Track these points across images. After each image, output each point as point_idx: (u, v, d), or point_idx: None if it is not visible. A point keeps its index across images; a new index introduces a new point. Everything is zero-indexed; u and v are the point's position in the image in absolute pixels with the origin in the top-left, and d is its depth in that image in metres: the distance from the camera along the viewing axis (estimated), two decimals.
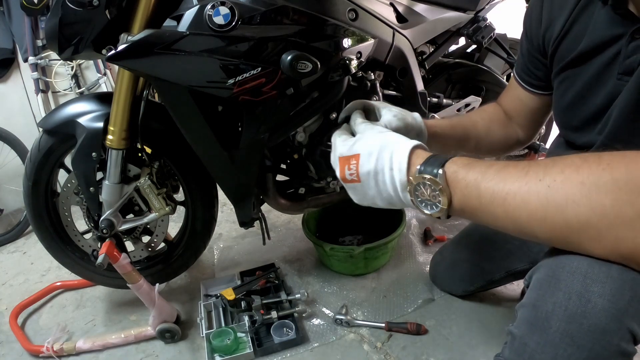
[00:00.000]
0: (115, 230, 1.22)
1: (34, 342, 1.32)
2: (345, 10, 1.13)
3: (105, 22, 1.00)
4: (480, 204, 0.54)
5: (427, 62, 1.42)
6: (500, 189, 0.52)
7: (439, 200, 0.57)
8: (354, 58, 1.14)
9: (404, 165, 0.59)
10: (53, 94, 2.22)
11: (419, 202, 0.59)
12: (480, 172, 0.55)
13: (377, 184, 0.63)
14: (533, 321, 0.54)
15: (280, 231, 1.84)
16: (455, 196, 0.56)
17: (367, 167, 0.63)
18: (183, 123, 1.12)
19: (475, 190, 0.54)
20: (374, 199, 0.65)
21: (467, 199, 0.55)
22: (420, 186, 0.58)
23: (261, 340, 1.23)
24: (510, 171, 0.52)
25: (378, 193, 0.63)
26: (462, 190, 0.55)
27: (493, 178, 0.53)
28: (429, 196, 0.57)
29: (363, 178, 0.64)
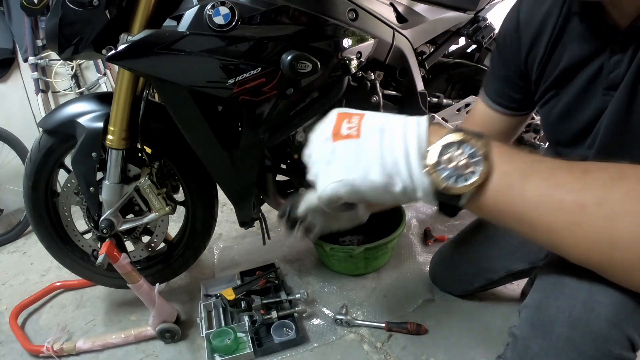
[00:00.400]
0: (115, 230, 1.22)
1: (34, 342, 1.32)
2: (345, 10, 1.13)
3: (105, 22, 1.00)
4: (523, 203, 0.44)
5: (427, 62, 1.42)
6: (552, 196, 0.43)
7: (472, 172, 0.44)
8: (354, 58, 1.14)
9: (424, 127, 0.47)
10: (53, 94, 2.22)
11: (441, 171, 0.44)
12: (529, 164, 0.45)
13: (382, 138, 0.47)
14: (536, 324, 0.54)
15: (280, 231, 1.84)
16: (493, 177, 0.44)
17: (374, 121, 0.49)
18: (183, 123, 1.12)
19: (520, 182, 0.44)
20: (368, 165, 0.47)
21: (508, 189, 0.44)
22: (453, 147, 0.44)
23: (261, 340, 1.23)
24: (565, 177, 0.43)
25: (379, 154, 0.47)
26: (505, 176, 0.44)
27: (546, 177, 0.44)
28: (460, 163, 0.44)
29: (365, 132, 0.48)
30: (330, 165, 0.49)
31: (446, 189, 0.44)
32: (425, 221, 1.79)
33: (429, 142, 0.46)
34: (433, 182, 0.45)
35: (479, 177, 0.44)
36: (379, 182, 0.46)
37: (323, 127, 0.53)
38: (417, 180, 0.46)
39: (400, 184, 0.46)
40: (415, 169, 0.45)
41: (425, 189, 0.46)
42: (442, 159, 0.44)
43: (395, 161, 0.46)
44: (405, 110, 1.35)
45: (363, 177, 0.47)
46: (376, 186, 0.47)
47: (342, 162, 0.48)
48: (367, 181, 0.47)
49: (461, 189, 0.44)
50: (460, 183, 0.44)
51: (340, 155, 0.49)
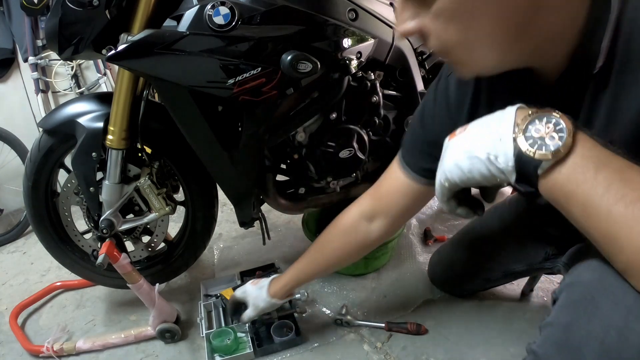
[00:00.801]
0: (115, 230, 1.22)
1: (34, 342, 1.32)
2: (345, 10, 1.13)
3: (105, 22, 1.00)
4: (591, 189, 0.46)
5: (427, 62, 1.42)
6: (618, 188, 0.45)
7: (556, 144, 0.47)
8: (354, 58, 1.14)
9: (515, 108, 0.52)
10: (53, 94, 2.22)
11: (527, 138, 0.48)
12: (606, 154, 0.47)
13: (484, 125, 0.54)
14: (563, 346, 0.51)
15: (280, 231, 1.84)
16: (574, 155, 0.47)
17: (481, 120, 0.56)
18: (183, 123, 1.12)
19: (594, 169, 0.46)
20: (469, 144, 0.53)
21: (583, 171, 0.46)
22: (544, 119, 0.48)
23: (261, 340, 1.23)
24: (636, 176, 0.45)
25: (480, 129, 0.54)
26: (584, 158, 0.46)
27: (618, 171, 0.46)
28: (547, 133, 0.47)
29: (472, 125, 0.56)
30: (442, 159, 0.58)
31: (529, 152, 0.47)
32: (425, 221, 1.79)
33: (522, 114, 0.50)
34: (517, 147, 0.48)
35: (563, 147, 0.46)
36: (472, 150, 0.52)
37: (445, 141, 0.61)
38: (502, 143, 0.49)
39: (488, 145, 0.51)
40: (505, 131, 0.50)
41: (506, 153, 0.49)
42: (531, 128, 0.48)
43: (489, 126, 0.52)
44: (405, 110, 1.35)
45: (462, 153, 0.54)
46: (470, 155, 0.52)
47: (450, 151, 0.56)
48: (463, 154, 0.53)
49: (543, 154, 0.47)
50: (543, 149, 0.47)
51: (450, 148, 0.57)
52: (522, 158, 0.48)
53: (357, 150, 1.26)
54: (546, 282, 1.37)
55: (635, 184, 0.45)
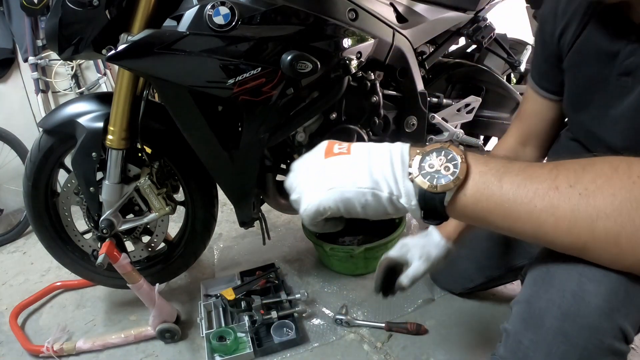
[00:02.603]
0: (115, 230, 1.22)
1: (34, 342, 1.32)
2: (345, 10, 1.13)
3: (105, 22, 1.00)
4: (501, 197, 0.47)
5: (427, 62, 1.42)
6: (527, 186, 0.46)
7: (453, 172, 0.48)
8: (354, 58, 1.14)
9: (407, 145, 0.52)
10: (53, 94, 2.22)
11: (424, 175, 0.48)
12: (503, 164, 0.49)
13: (370, 153, 0.52)
14: (527, 318, 0.54)
15: (280, 231, 1.84)
16: (472, 176, 0.48)
17: (362, 144, 0.54)
18: (183, 123, 1.12)
19: (497, 180, 0.47)
20: (358, 173, 0.50)
21: (487, 185, 0.47)
22: (432, 154, 0.49)
23: (261, 340, 1.23)
24: (537, 170, 0.48)
25: (368, 164, 0.51)
26: (482, 175, 0.48)
27: (519, 173, 0.47)
28: (441, 166, 0.48)
29: (354, 150, 0.53)
30: (319, 177, 0.52)
31: (430, 188, 0.48)
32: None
33: (411, 155, 0.50)
34: (417, 185, 0.49)
35: (460, 173, 0.47)
36: (366, 187, 0.49)
37: (313, 151, 0.56)
38: (401, 185, 0.49)
39: (386, 189, 0.49)
40: (399, 175, 0.50)
41: (408, 193, 0.49)
42: (423, 165, 0.49)
43: (382, 169, 0.50)
44: (405, 110, 1.35)
45: (353, 184, 0.50)
46: (364, 192, 0.50)
47: (333, 174, 0.51)
48: (356, 187, 0.50)
49: (444, 186, 0.48)
50: (442, 181, 0.48)
51: (331, 169, 0.52)
52: (425, 195, 0.48)
53: None
54: None
55: (540, 177, 0.47)
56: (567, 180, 0.46)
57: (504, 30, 1.58)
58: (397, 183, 0.50)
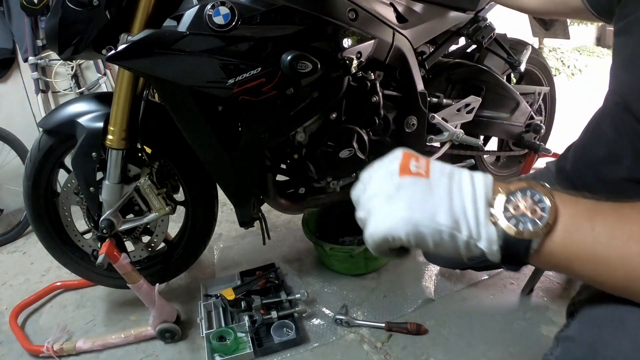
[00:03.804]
0: (115, 230, 1.22)
1: (34, 342, 1.32)
2: (345, 10, 1.13)
3: (105, 22, 1.01)
4: (593, 241, 0.42)
5: (427, 62, 1.42)
6: (621, 228, 0.42)
7: (541, 216, 0.43)
8: (354, 58, 1.14)
9: (490, 178, 0.47)
10: (53, 94, 2.22)
11: (507, 217, 0.44)
12: (593, 204, 0.45)
13: (450, 182, 0.46)
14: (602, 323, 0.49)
15: (280, 231, 1.84)
16: (561, 219, 0.43)
17: (442, 166, 0.49)
18: (183, 123, 1.12)
19: (588, 222, 0.43)
20: (436, 206, 0.45)
21: (577, 229, 0.43)
22: (517, 195, 0.45)
23: (261, 340, 1.23)
24: (630, 211, 0.43)
25: (447, 197, 0.45)
26: (572, 217, 0.44)
27: (611, 214, 0.44)
28: (527, 208, 0.44)
29: (434, 173, 0.47)
30: (392, 200, 0.46)
31: (516, 234, 0.43)
32: None
33: (495, 191, 0.46)
34: (500, 229, 0.44)
35: (549, 218, 0.43)
36: (445, 226, 0.44)
37: (386, 162, 0.50)
38: (482, 227, 0.44)
39: (465, 230, 0.44)
40: (482, 215, 0.44)
41: (490, 238, 0.44)
42: (508, 206, 0.44)
43: (463, 205, 0.45)
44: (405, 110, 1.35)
45: (430, 218, 0.44)
46: (441, 230, 0.44)
47: (409, 199, 0.45)
48: (434, 222, 0.44)
49: (532, 232, 0.43)
50: (530, 227, 0.43)
51: (407, 192, 0.46)
52: (509, 241, 0.44)
53: (357, 150, 1.26)
54: (546, 282, 1.37)
55: (635, 218, 0.43)
56: None
57: (504, 30, 1.58)
58: (478, 226, 0.44)
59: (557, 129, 1.99)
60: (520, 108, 1.60)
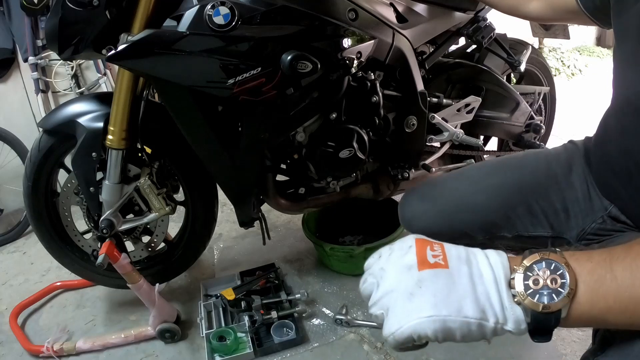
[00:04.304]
0: (115, 230, 1.22)
1: (34, 342, 1.32)
2: (345, 10, 1.13)
3: (105, 22, 1.00)
4: (618, 289, 0.42)
5: (427, 62, 1.42)
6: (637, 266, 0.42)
7: (562, 283, 0.43)
8: (354, 58, 1.14)
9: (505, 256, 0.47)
10: (53, 94, 2.22)
11: (532, 295, 0.44)
12: (607, 253, 0.45)
13: (470, 269, 0.46)
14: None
15: (280, 231, 1.84)
16: (581, 279, 0.43)
17: (457, 250, 0.48)
18: (183, 123, 1.12)
19: (608, 272, 0.43)
20: (462, 298, 0.44)
21: (600, 283, 0.43)
22: (534, 269, 0.44)
23: (261, 340, 1.23)
24: (636, 248, 0.44)
25: (471, 287, 0.45)
26: (591, 273, 0.44)
27: (625, 256, 0.44)
28: (547, 280, 0.43)
29: (452, 262, 0.47)
30: (415, 297, 0.45)
31: (545, 309, 0.43)
32: None
33: (512, 270, 0.45)
34: (526, 308, 0.44)
35: (570, 284, 0.43)
36: (472, 318, 0.43)
37: (400, 253, 0.49)
38: (508, 311, 0.44)
39: (492, 318, 0.44)
40: (506, 299, 0.44)
41: (517, 319, 0.44)
42: (528, 283, 0.44)
43: (487, 292, 0.45)
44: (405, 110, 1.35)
45: (457, 312, 0.43)
46: (469, 322, 0.44)
47: (433, 295, 0.44)
48: (461, 316, 0.43)
49: (557, 303, 0.43)
50: (555, 298, 0.43)
51: (429, 287, 0.45)
52: (538, 317, 0.44)
53: (357, 150, 1.26)
54: None
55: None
56: None
57: (504, 30, 1.58)
58: (504, 310, 0.44)
59: (557, 129, 1.99)
60: (520, 108, 1.60)
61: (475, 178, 0.95)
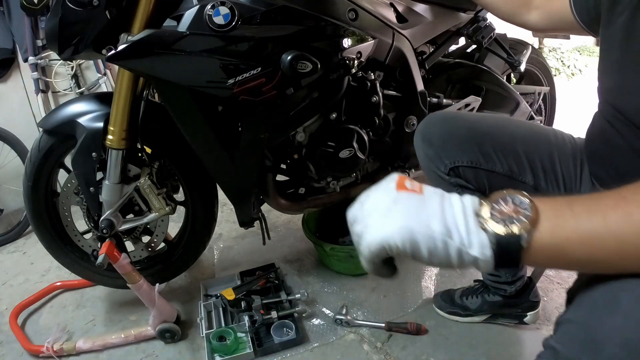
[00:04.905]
0: (115, 230, 1.22)
1: (34, 342, 1.32)
2: (345, 10, 1.13)
3: (105, 22, 1.00)
4: (577, 222, 0.46)
5: (427, 62, 1.42)
6: (597, 204, 0.47)
7: (525, 214, 0.48)
8: (354, 58, 1.14)
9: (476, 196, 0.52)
10: (53, 94, 2.22)
11: (495, 220, 0.48)
12: (568, 197, 0.49)
13: (442, 199, 0.51)
14: (584, 341, 0.51)
15: (280, 231, 1.84)
16: (543, 213, 0.48)
17: (432, 187, 0.53)
18: (183, 123, 1.12)
19: (568, 208, 0.48)
20: (430, 216, 0.49)
21: (560, 215, 0.47)
22: (499, 202, 0.49)
23: (261, 340, 1.23)
24: (596, 195, 0.48)
25: (440, 209, 0.50)
26: (553, 209, 0.48)
27: (586, 198, 0.48)
28: (510, 211, 0.48)
29: (427, 192, 0.52)
30: (390, 211, 0.50)
31: (507, 232, 0.47)
32: None
33: (481, 204, 0.50)
34: (491, 232, 0.48)
35: (532, 213, 0.47)
36: (438, 233, 0.48)
37: (383, 183, 0.55)
38: (473, 234, 0.48)
39: (457, 237, 0.48)
40: (472, 225, 0.48)
41: (482, 243, 0.48)
42: (494, 213, 0.48)
43: (454, 216, 0.49)
44: (405, 110, 1.35)
45: (425, 226, 0.48)
46: (435, 237, 0.48)
47: (405, 210, 0.49)
48: (428, 230, 0.48)
49: (520, 227, 0.47)
50: (517, 224, 0.47)
51: (403, 204, 0.50)
52: (501, 241, 0.47)
53: (357, 150, 1.26)
54: (546, 282, 1.37)
55: (606, 195, 0.47)
56: (630, 191, 0.46)
57: (504, 30, 1.58)
58: (469, 234, 0.48)
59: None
60: (520, 108, 1.60)
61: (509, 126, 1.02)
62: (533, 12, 1.03)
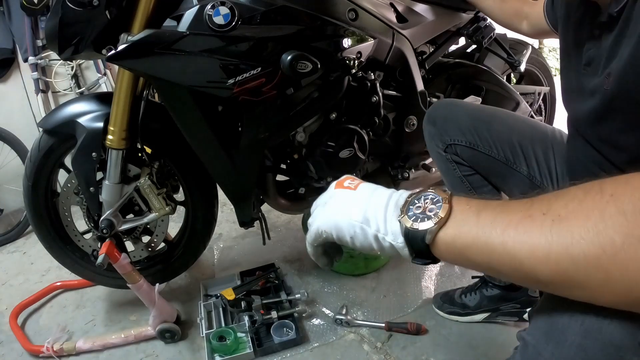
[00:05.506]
0: (115, 230, 1.22)
1: (34, 342, 1.32)
2: (345, 10, 1.13)
3: (105, 22, 1.00)
4: (477, 232, 0.49)
5: (427, 62, 1.42)
6: (501, 218, 0.48)
7: (435, 213, 0.51)
8: (354, 58, 1.14)
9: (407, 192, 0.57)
10: (53, 94, 2.22)
11: (410, 216, 0.52)
12: (484, 202, 0.51)
13: (371, 194, 0.57)
14: (549, 331, 0.54)
15: (280, 231, 1.84)
16: (453, 215, 0.51)
17: (371, 185, 0.60)
18: (183, 123, 1.12)
19: (475, 215, 0.50)
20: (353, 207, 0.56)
21: (465, 222, 0.50)
22: (421, 198, 0.53)
23: (261, 340, 1.23)
24: (514, 203, 0.49)
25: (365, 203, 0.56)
26: (462, 212, 0.51)
27: (496, 207, 0.49)
28: (425, 209, 0.52)
29: (361, 188, 0.59)
30: (326, 205, 0.59)
31: (412, 227, 0.51)
32: None
33: (406, 199, 0.55)
34: (402, 225, 0.52)
35: (441, 212, 0.51)
36: (356, 221, 0.55)
37: (333, 182, 0.63)
38: (389, 224, 0.54)
39: (374, 225, 0.54)
40: (390, 216, 0.54)
41: (395, 232, 0.53)
42: (411, 207, 0.53)
43: (375, 210, 0.55)
44: (405, 110, 1.35)
45: (347, 216, 0.56)
46: (354, 224, 0.55)
47: (335, 204, 0.58)
48: (350, 219, 0.55)
49: (425, 224, 0.51)
50: (425, 220, 0.51)
51: (336, 199, 0.59)
52: (408, 233, 0.52)
53: (357, 150, 1.26)
54: None
55: (515, 208, 0.48)
56: (541, 208, 0.46)
57: (504, 30, 1.58)
58: (385, 222, 0.54)
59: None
60: (520, 108, 1.60)
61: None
62: (524, 21, 1.17)
